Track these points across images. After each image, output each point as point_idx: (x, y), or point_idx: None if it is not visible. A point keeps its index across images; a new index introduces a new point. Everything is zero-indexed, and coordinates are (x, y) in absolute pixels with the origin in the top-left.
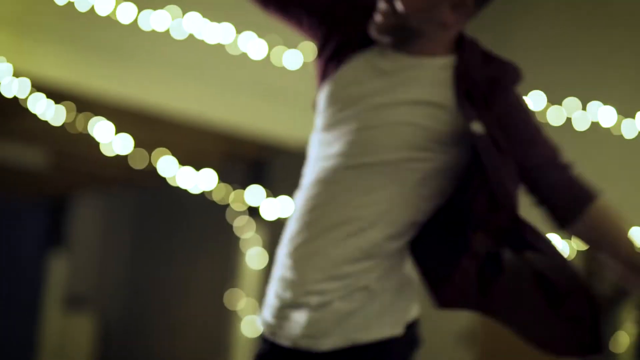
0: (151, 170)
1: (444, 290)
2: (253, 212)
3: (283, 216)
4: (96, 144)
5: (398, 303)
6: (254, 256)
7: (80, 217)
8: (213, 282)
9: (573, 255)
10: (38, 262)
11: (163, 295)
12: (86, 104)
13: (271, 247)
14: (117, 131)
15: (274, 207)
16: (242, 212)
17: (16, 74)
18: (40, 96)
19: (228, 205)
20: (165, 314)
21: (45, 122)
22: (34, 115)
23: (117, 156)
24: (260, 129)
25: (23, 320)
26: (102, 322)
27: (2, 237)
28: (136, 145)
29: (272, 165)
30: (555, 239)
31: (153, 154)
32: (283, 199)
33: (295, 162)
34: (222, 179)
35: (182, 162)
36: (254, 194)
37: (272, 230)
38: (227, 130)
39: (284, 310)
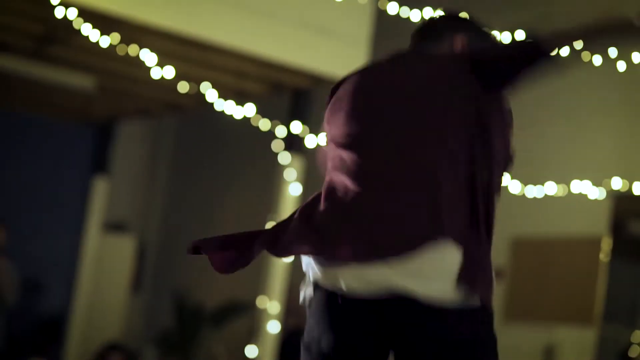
0: (196, 95)
1: None
2: (294, 142)
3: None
4: (143, 67)
5: None
6: (294, 185)
7: (124, 143)
8: (252, 209)
9: (604, 197)
10: (83, 185)
11: (202, 221)
12: (132, 33)
13: (307, 178)
14: (163, 59)
15: (314, 138)
16: (284, 141)
17: (64, 3)
18: (87, 25)
19: (271, 133)
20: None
21: (94, 46)
22: (83, 39)
23: (163, 79)
24: (304, 59)
25: (66, 240)
26: (141, 245)
27: (51, 159)
28: (181, 74)
29: (315, 96)
30: (587, 184)
31: (199, 81)
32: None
33: None
34: (265, 108)
35: (227, 90)
36: (296, 123)
37: (310, 161)
38: (271, 59)
39: None
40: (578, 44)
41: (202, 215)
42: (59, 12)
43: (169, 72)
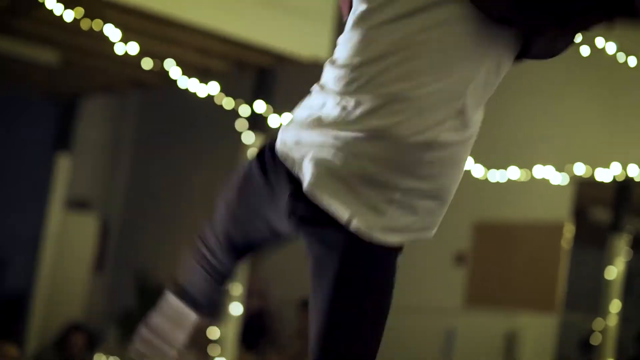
0: (160, 72)
1: None
2: (257, 122)
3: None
4: (108, 42)
5: None
6: None
7: (87, 119)
8: (215, 188)
9: (566, 183)
10: (46, 161)
11: (165, 199)
12: (97, 8)
13: None
14: (127, 35)
15: (277, 118)
16: (248, 120)
17: None
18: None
19: (235, 112)
20: (167, 217)
21: (58, 20)
22: (47, 13)
23: (127, 55)
24: (268, 38)
25: (29, 218)
26: (104, 224)
27: (13, 135)
28: (145, 50)
29: (279, 75)
30: (550, 170)
31: (163, 57)
32: (287, 112)
33: (303, 73)
34: (229, 86)
35: (191, 67)
36: (260, 102)
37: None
38: (236, 37)
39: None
40: None
41: (165, 194)
42: None
43: (132, 48)
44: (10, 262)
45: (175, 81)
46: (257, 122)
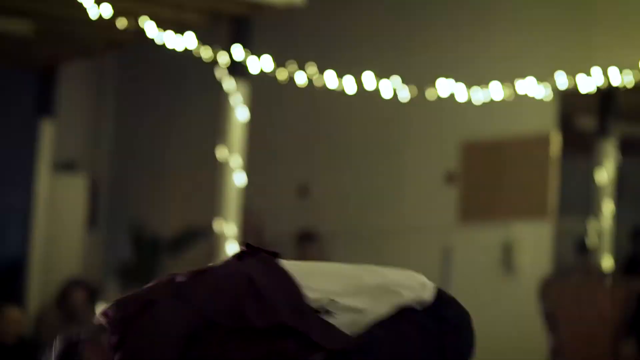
0: (136, 31)
1: None
2: (237, 69)
3: (266, 71)
4: (81, 8)
5: None
6: (240, 109)
7: (68, 84)
8: (202, 138)
9: (549, 94)
10: (30, 129)
11: (152, 154)
12: None
13: (253, 102)
14: None
15: (257, 64)
16: (227, 69)
17: None
18: None
19: (214, 61)
20: (155, 168)
21: None
22: None
23: (101, 18)
24: None
25: (18, 183)
26: (93, 183)
27: None
28: (119, 11)
29: (255, 23)
30: (532, 81)
31: (137, 16)
32: (266, 56)
33: (280, 20)
34: (206, 38)
35: (166, 23)
36: (238, 51)
37: (255, 86)
38: None
39: None
40: None
41: (152, 146)
42: None
43: (106, 10)
44: (5, 228)
45: (152, 39)
46: (236, 69)
